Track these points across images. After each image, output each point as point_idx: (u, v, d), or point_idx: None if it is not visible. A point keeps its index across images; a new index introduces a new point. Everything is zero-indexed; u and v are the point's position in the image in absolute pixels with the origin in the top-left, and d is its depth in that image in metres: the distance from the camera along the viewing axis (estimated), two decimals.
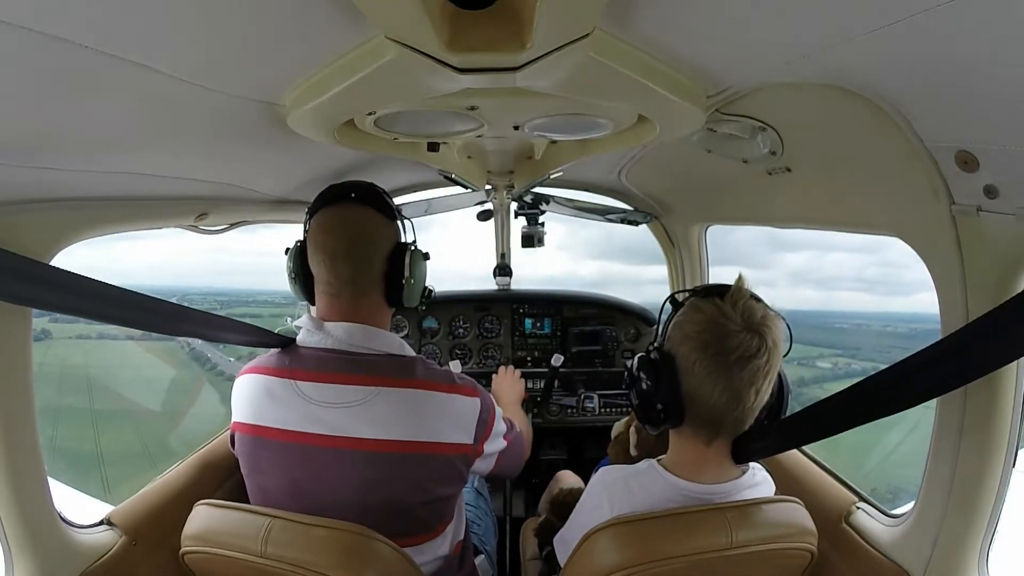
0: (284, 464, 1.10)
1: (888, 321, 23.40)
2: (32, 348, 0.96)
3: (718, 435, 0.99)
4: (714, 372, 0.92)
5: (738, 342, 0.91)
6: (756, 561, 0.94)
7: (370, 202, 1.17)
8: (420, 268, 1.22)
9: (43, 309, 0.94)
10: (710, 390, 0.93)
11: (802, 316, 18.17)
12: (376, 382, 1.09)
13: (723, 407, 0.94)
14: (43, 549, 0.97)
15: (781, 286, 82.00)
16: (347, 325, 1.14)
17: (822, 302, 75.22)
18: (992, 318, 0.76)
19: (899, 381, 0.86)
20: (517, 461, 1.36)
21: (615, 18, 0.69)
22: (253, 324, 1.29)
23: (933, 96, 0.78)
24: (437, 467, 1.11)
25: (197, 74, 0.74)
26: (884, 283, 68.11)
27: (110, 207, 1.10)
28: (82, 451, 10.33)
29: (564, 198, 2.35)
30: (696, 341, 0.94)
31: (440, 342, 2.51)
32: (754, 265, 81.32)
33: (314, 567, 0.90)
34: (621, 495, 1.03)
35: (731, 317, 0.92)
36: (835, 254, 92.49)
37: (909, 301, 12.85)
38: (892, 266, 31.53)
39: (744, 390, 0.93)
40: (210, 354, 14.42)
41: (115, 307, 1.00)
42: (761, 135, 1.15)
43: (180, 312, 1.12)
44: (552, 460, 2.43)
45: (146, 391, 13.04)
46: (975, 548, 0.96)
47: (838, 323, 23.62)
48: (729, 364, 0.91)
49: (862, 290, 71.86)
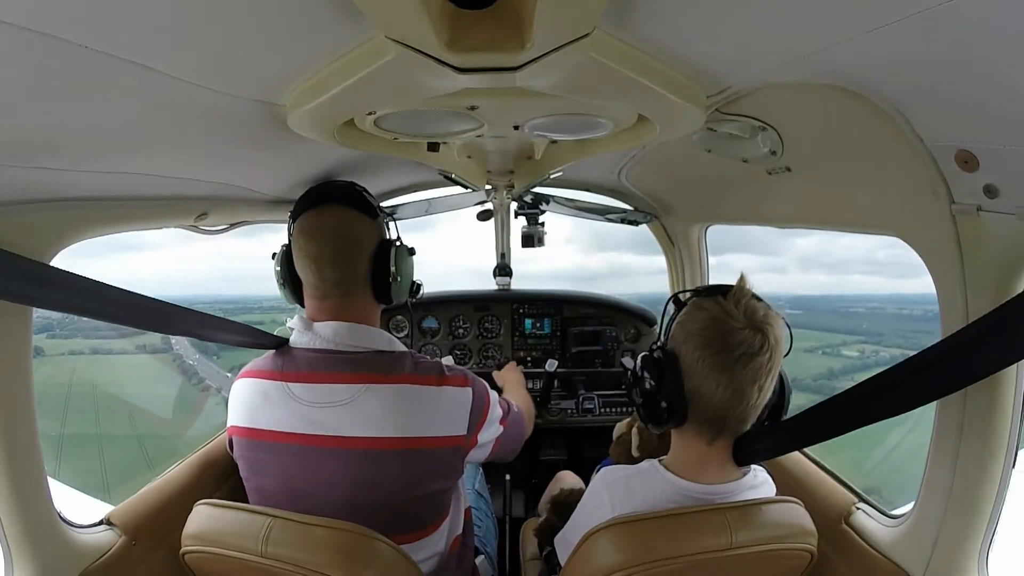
0: (280, 466, 1.10)
1: (902, 303, 22.91)
2: (32, 348, 0.96)
3: (720, 434, 0.99)
4: (717, 369, 0.93)
5: (741, 339, 0.92)
6: (756, 561, 0.94)
7: (351, 203, 1.18)
8: (406, 264, 1.23)
9: (43, 308, 0.94)
10: (713, 387, 0.94)
11: (816, 301, 17.72)
12: (364, 379, 1.10)
13: (726, 404, 0.94)
14: (43, 549, 0.97)
15: (792, 271, 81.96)
16: (334, 324, 1.15)
17: (834, 286, 75.03)
18: (992, 319, 0.76)
19: (900, 383, 0.87)
20: (516, 443, 1.36)
21: (615, 18, 0.69)
22: (248, 325, 1.29)
23: (933, 96, 0.78)
24: (430, 461, 1.11)
25: (197, 74, 0.74)
26: (895, 264, 67.81)
27: (110, 207, 1.10)
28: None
29: (564, 198, 2.35)
30: (699, 339, 0.94)
31: (440, 342, 2.51)
32: (764, 252, 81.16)
33: (314, 567, 0.90)
34: (622, 495, 1.03)
35: (733, 315, 0.93)
36: (846, 237, 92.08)
37: (920, 283, 12.79)
38: (902, 247, 31.90)
39: (747, 387, 0.93)
40: (203, 370, 14.34)
41: (114, 306, 1.01)
42: (761, 135, 1.15)
43: (177, 312, 1.12)
44: (552, 460, 2.43)
45: (124, 410, 12.96)
46: (975, 548, 0.96)
47: (852, 307, 23.16)
48: (732, 361, 0.92)
49: (873, 272, 71.80)
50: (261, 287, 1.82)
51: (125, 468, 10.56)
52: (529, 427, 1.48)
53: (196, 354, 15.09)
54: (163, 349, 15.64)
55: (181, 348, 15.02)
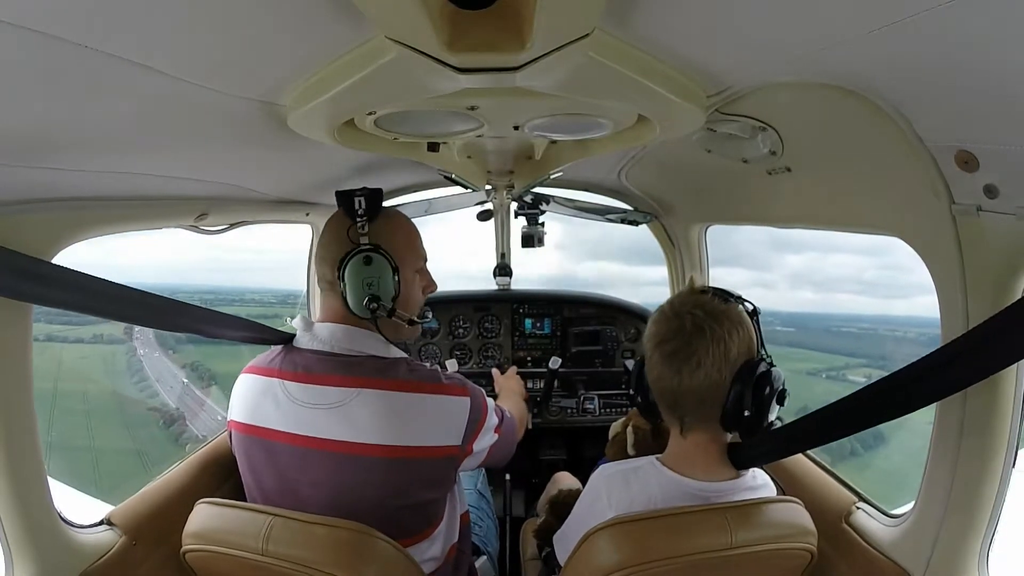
0: (272, 463, 1.11)
1: (895, 325, 22.60)
2: (32, 346, 0.96)
3: (683, 421, 1.04)
4: (664, 358, 1.03)
5: (676, 326, 1.02)
6: (756, 561, 0.94)
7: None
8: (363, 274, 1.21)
9: (43, 305, 0.94)
10: (662, 373, 1.03)
11: (806, 319, 17.37)
12: (356, 383, 1.09)
13: (674, 387, 1.02)
14: (43, 549, 0.97)
15: (781, 288, 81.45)
16: (331, 326, 1.16)
17: (821, 304, 74.48)
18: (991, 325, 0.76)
19: (899, 387, 0.87)
20: (507, 449, 1.35)
21: (615, 18, 0.69)
22: (253, 320, 1.29)
23: (933, 96, 0.78)
24: (420, 471, 1.10)
25: (197, 74, 0.74)
26: (884, 286, 67.55)
27: (110, 207, 1.10)
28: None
29: (564, 198, 2.35)
30: (652, 336, 1.07)
31: (440, 342, 2.51)
32: (756, 267, 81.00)
33: (315, 565, 0.90)
34: (619, 489, 1.04)
35: (673, 307, 1.05)
36: (837, 256, 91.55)
37: (908, 304, 12.44)
38: (892, 269, 31.46)
39: (683, 365, 1.00)
40: (150, 366, 12.28)
41: (115, 303, 1.01)
42: (761, 135, 1.15)
43: (180, 308, 1.12)
44: (552, 460, 2.43)
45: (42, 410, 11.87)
46: (975, 548, 0.96)
47: (844, 327, 22.78)
48: (672, 349, 1.02)
49: (861, 292, 71.25)
50: (249, 279, 1.75)
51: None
52: (520, 433, 1.48)
53: (147, 348, 12.95)
54: (120, 340, 14.21)
55: (141, 340, 12.90)
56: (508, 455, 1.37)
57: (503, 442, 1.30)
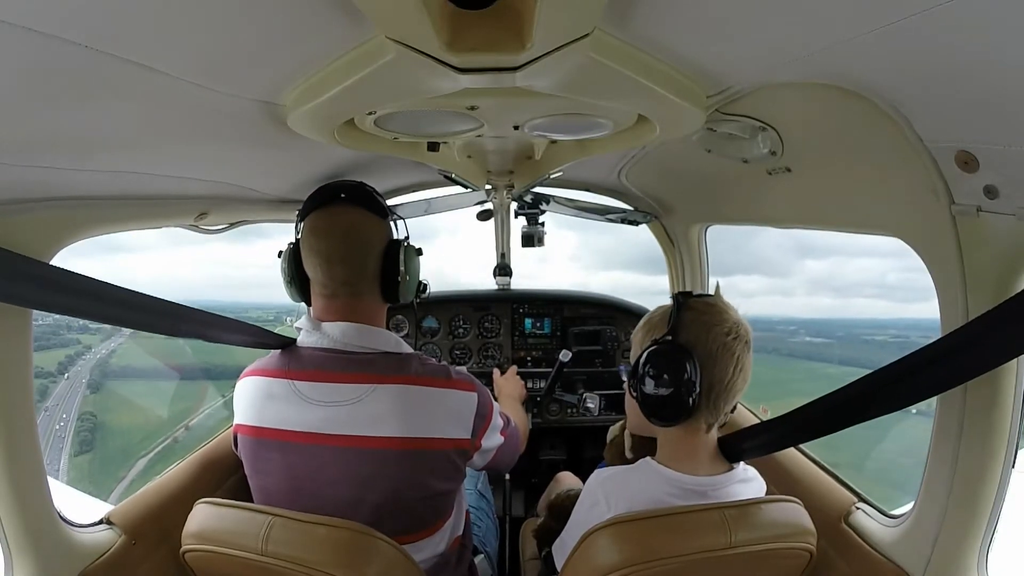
0: (284, 464, 1.10)
1: (926, 331, 21.82)
2: (32, 348, 0.96)
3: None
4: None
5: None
6: (755, 561, 0.94)
7: (360, 202, 1.18)
8: (414, 264, 1.23)
9: (43, 310, 0.94)
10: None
11: (822, 325, 16.34)
12: (372, 379, 1.10)
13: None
14: (43, 548, 0.97)
15: (798, 294, 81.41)
16: (343, 324, 1.15)
17: (839, 309, 73.98)
18: (991, 317, 0.76)
19: (896, 380, 0.87)
20: (512, 456, 1.37)
21: (615, 18, 0.69)
22: (254, 324, 1.29)
23: (933, 96, 0.78)
24: (434, 462, 1.11)
25: (197, 74, 0.74)
26: (903, 288, 67.55)
27: (110, 207, 1.10)
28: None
29: (564, 198, 2.35)
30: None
31: (440, 342, 2.51)
32: (774, 273, 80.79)
33: (315, 565, 0.90)
34: (618, 488, 1.05)
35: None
36: (860, 260, 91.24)
37: (928, 307, 11.80)
38: (913, 271, 31.56)
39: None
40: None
41: (115, 307, 1.00)
42: (761, 135, 1.15)
43: (180, 312, 1.12)
44: (552, 460, 2.43)
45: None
46: (975, 548, 0.96)
47: (866, 334, 21.74)
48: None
49: (880, 296, 71.15)
50: (250, 295, 1.75)
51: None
52: (523, 445, 1.50)
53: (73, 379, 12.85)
54: (54, 345, 13.76)
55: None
56: (511, 462, 1.38)
57: (508, 447, 1.31)
